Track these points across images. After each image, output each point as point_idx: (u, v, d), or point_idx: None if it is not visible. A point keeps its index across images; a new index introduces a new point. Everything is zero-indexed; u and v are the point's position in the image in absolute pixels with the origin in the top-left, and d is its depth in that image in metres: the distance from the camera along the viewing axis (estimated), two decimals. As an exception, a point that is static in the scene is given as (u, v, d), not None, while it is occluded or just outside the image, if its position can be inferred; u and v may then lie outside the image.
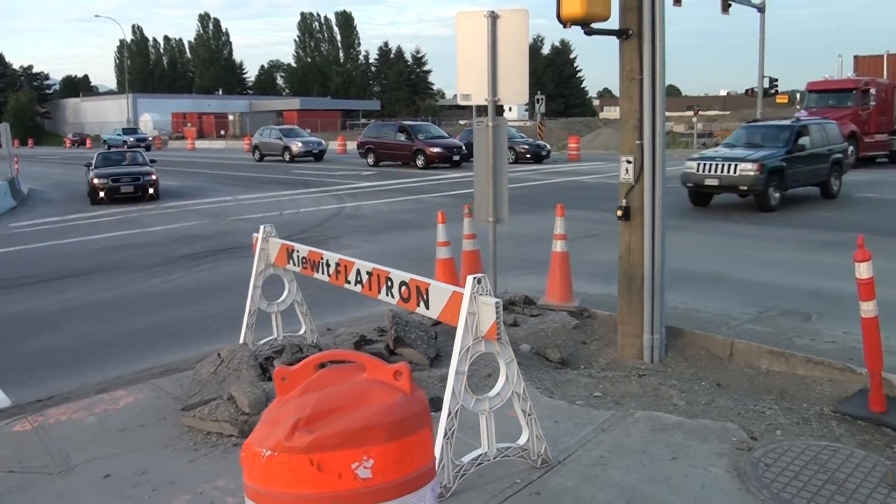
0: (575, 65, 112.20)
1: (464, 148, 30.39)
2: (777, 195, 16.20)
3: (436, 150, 30.91)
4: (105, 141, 61.49)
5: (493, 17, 7.01)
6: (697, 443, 4.55)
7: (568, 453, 4.46)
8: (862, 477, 4.21)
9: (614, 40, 6.21)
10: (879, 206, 17.68)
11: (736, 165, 15.76)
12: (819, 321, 7.50)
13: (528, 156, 32.97)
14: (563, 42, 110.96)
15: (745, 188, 15.86)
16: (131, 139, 56.97)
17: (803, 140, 17.08)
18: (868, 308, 5.08)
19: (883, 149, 28.58)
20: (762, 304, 8.06)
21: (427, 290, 4.34)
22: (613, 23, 6.11)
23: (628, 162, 6.16)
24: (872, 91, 27.69)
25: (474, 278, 3.92)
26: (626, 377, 5.87)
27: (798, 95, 35.21)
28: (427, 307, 4.35)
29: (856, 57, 37.38)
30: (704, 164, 16.31)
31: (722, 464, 4.30)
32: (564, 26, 6.01)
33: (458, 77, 7.28)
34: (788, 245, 12.12)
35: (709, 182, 16.25)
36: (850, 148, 22.32)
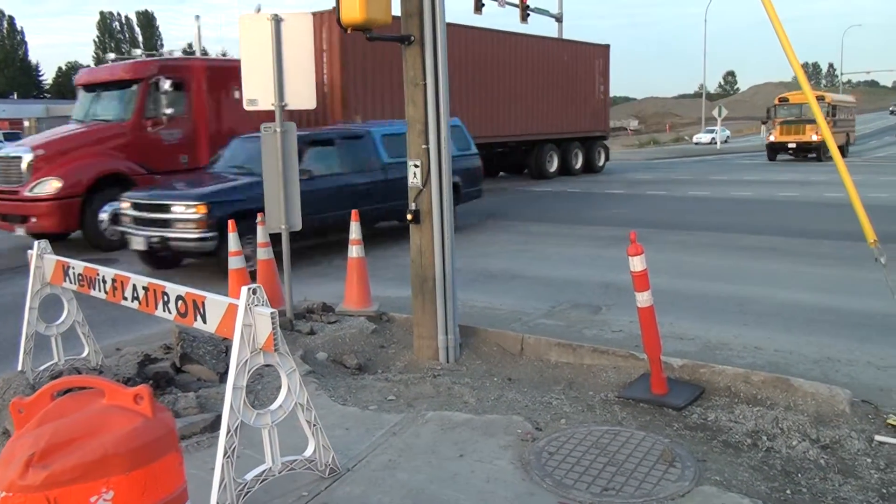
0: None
1: None
2: None
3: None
4: None
5: (277, 21, 6.88)
6: (484, 438, 4.63)
7: (357, 460, 4.40)
8: (641, 456, 4.42)
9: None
10: (665, 202, 19.01)
11: None
12: (608, 312, 7.89)
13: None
14: None
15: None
16: None
17: None
18: (643, 298, 5.38)
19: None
20: (555, 298, 8.38)
21: (203, 304, 4.14)
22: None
23: (416, 166, 6.21)
24: (167, 85, 13.96)
25: (249, 289, 3.78)
26: (421, 379, 5.91)
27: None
28: (204, 321, 4.16)
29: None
30: None
31: (507, 456, 4.39)
32: (345, 31, 5.99)
33: (244, 82, 7.08)
34: (582, 241, 12.73)
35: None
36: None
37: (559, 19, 41.16)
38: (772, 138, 35.42)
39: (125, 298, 4.82)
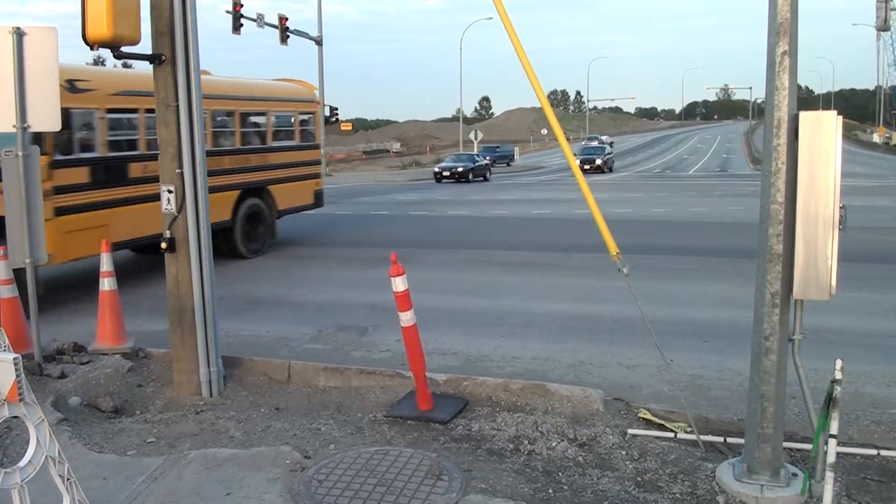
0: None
1: None
2: None
3: None
4: None
5: (20, 35, 6.28)
6: (252, 473, 4.47)
7: (115, 511, 4.10)
8: (410, 473, 4.47)
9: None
10: (428, 222, 19.56)
11: None
12: (375, 333, 7.96)
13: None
14: (102, 64, 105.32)
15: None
16: None
17: None
18: (406, 317, 5.47)
19: None
20: (322, 322, 8.34)
21: (-76, 352, 3.68)
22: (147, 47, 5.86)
23: (169, 192, 5.92)
24: None
25: (-16, 333, 3.41)
26: (183, 416, 5.62)
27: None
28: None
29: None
30: None
31: (276, 489, 4.27)
32: (91, 48, 5.59)
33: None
34: (348, 263, 12.78)
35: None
36: None
37: (319, 42, 41.39)
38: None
39: None
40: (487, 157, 46.21)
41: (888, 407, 5.74)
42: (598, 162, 46.94)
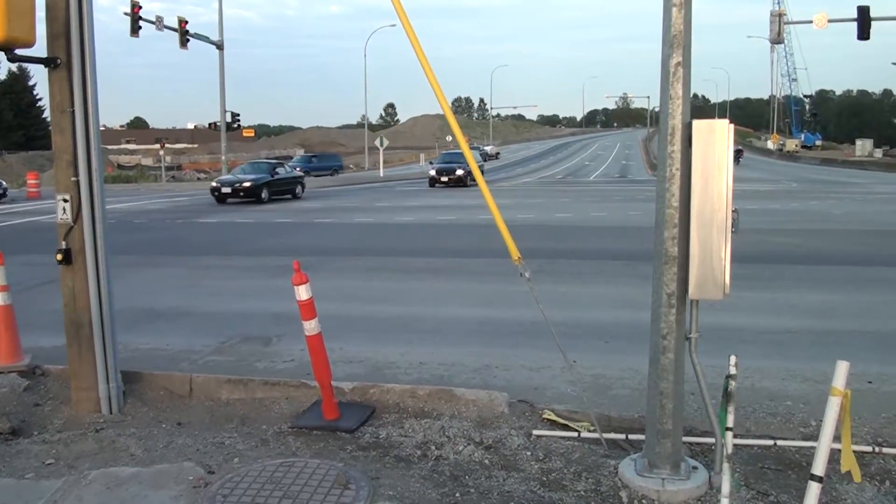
0: (35, 93, 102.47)
1: None
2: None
3: None
4: None
5: None
6: (153, 491, 4.36)
7: (8, 536, 3.93)
8: (316, 484, 4.43)
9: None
10: (333, 229, 19.44)
11: None
12: (279, 343, 7.87)
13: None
14: (20, 68, 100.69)
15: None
16: None
17: None
18: (311, 326, 5.43)
19: None
20: (226, 333, 8.19)
21: None
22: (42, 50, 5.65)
23: (65, 201, 5.71)
24: None
25: None
26: (82, 435, 5.42)
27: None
28: None
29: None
30: None
31: (179, 507, 4.19)
32: None
33: None
34: (252, 272, 12.59)
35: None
36: None
37: (220, 47, 40.64)
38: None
39: None
40: (298, 168, 40.49)
41: (783, 399, 6.02)
42: (460, 173, 38.44)
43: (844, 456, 3.21)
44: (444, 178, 38.90)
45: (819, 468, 3.17)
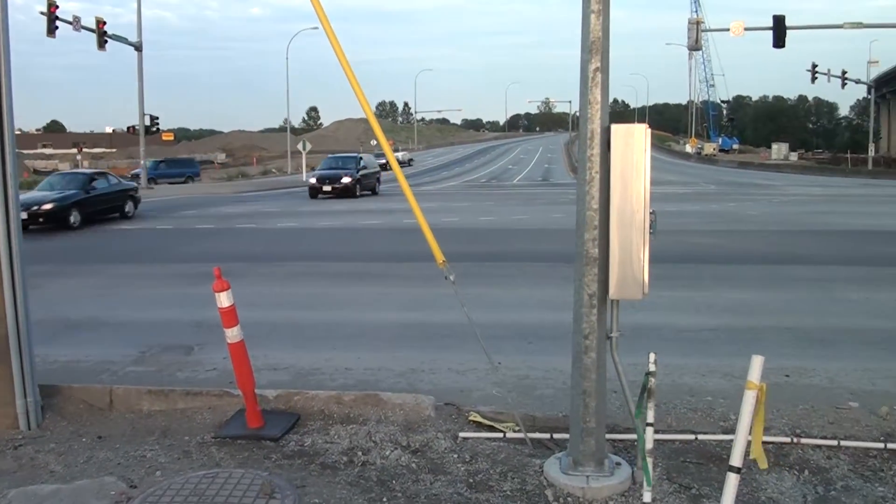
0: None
1: None
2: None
3: None
4: None
5: None
6: (73, 506, 4.26)
7: (-85, 559, 3.78)
8: (241, 494, 4.37)
9: None
10: (256, 235, 19.20)
11: None
12: (201, 351, 7.74)
13: None
14: None
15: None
16: None
17: None
18: (233, 334, 5.36)
19: None
20: (146, 343, 8.01)
21: None
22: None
23: (-24, 210, 5.52)
24: None
25: None
26: (0, 453, 5.24)
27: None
28: None
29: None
30: None
31: (100, 522, 4.09)
32: None
33: None
34: (172, 280, 12.34)
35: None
36: None
37: (139, 48, 39.74)
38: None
39: None
40: (135, 177, 36.52)
41: (703, 395, 6.21)
42: (346, 181, 32.34)
43: (754, 444, 3.34)
44: (328, 188, 32.31)
45: (737, 460, 3.29)
